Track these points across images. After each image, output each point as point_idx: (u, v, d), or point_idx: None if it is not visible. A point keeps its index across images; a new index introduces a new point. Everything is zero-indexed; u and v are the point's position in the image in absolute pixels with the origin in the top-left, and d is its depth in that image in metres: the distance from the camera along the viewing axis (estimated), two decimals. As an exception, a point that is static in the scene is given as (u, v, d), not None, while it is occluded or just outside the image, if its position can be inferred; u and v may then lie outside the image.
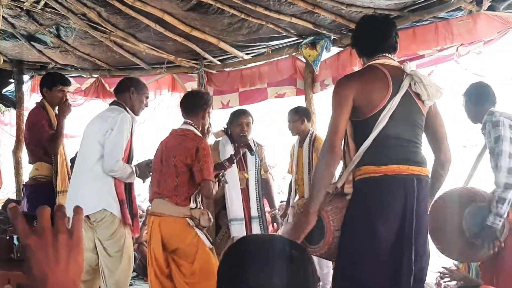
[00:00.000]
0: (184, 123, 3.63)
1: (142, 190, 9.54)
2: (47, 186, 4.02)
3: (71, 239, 0.85)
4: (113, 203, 3.48)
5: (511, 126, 3.22)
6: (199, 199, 3.52)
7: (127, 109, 3.64)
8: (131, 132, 3.62)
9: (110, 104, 3.82)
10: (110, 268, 3.51)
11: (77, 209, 0.89)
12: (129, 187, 3.69)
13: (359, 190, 2.51)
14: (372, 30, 2.70)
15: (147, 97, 3.81)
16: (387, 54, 2.63)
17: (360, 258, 2.42)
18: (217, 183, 3.69)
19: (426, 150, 2.66)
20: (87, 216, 3.48)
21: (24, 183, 4.60)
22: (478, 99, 3.50)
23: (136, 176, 3.67)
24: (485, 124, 3.41)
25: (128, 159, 3.64)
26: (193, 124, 3.60)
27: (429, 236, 2.67)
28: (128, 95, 3.68)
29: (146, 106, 3.84)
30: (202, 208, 3.49)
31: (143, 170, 3.74)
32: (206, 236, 3.41)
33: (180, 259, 3.39)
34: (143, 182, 3.99)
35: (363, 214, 2.45)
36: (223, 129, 4.48)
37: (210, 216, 3.45)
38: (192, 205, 3.38)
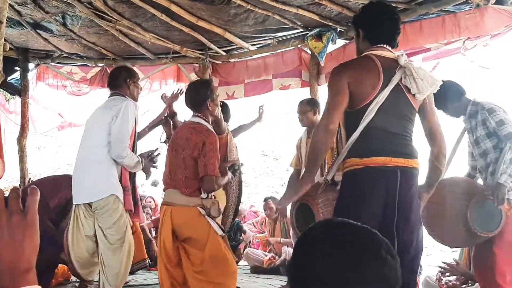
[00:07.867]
0: (194, 115, 3.54)
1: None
2: None
3: (25, 219, 0.86)
4: (118, 189, 3.55)
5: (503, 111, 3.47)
6: None
7: (128, 98, 3.73)
8: (135, 120, 3.67)
9: (110, 96, 3.85)
10: (110, 256, 3.54)
11: (32, 190, 0.90)
12: (133, 175, 3.75)
13: (344, 182, 2.55)
14: (384, 18, 2.63)
15: (139, 83, 3.96)
16: (385, 46, 2.57)
17: None
18: (231, 173, 3.63)
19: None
20: (89, 204, 3.54)
21: None
22: (457, 95, 3.65)
23: (142, 167, 3.70)
24: (474, 113, 3.53)
25: (133, 148, 3.68)
26: (202, 117, 3.50)
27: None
28: (127, 86, 3.78)
29: (141, 90, 4.07)
30: (213, 198, 3.46)
31: (146, 163, 3.77)
32: (218, 225, 3.38)
33: (190, 247, 3.36)
34: (146, 178, 4.03)
35: (348, 206, 2.47)
36: None
37: (220, 206, 3.43)
38: (203, 195, 3.35)
